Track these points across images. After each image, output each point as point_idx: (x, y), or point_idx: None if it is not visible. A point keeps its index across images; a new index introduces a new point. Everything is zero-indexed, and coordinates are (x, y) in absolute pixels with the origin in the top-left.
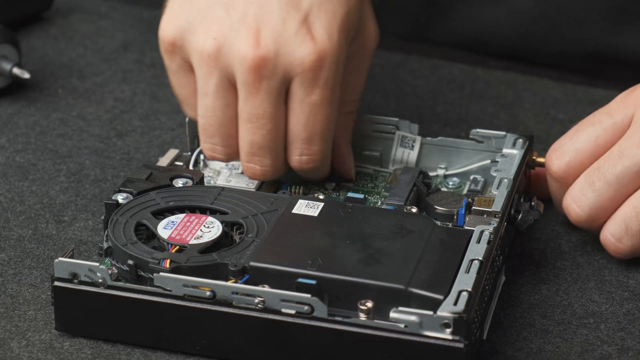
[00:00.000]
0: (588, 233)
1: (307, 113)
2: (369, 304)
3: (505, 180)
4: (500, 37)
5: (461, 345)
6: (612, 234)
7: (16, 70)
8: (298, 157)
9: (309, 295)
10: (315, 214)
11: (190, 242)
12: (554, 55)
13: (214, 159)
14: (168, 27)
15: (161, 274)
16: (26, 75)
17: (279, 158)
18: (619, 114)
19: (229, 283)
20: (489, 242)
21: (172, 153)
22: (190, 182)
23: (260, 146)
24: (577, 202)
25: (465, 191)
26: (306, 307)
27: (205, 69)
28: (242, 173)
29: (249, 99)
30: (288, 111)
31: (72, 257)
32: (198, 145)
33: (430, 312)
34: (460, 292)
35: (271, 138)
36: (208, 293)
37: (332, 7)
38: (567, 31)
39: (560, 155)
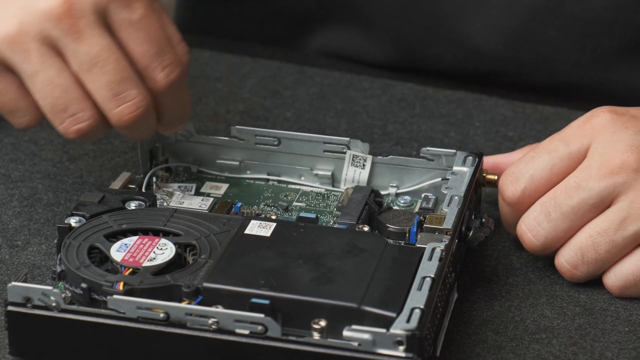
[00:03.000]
0: None
1: (142, 30)
2: (323, 323)
3: (456, 197)
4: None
5: None
6: (567, 261)
7: None
8: (161, 73)
9: (262, 315)
10: (268, 234)
11: (144, 265)
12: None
13: (80, 133)
14: None
15: (114, 296)
16: None
17: (142, 85)
18: (575, 143)
19: (183, 304)
20: (440, 260)
21: (125, 176)
22: (142, 205)
23: (118, 81)
24: (532, 231)
25: (416, 209)
26: (260, 327)
27: (20, 50)
28: (194, 195)
29: (79, 46)
30: (124, 42)
31: (25, 281)
32: (151, 168)
33: (383, 330)
34: (412, 310)
35: (122, 67)
36: (162, 315)
37: None
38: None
39: (514, 181)
